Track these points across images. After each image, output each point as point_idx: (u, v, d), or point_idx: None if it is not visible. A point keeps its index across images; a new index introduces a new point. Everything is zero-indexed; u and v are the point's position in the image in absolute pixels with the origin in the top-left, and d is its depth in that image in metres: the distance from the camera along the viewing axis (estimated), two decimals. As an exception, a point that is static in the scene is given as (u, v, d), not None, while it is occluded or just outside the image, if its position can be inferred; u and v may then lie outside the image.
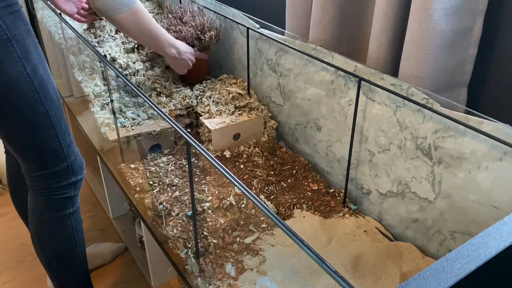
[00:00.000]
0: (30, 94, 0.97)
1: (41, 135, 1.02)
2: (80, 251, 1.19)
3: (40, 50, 1.00)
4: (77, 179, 1.12)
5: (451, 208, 0.90)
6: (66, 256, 1.18)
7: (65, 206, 1.12)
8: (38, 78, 0.97)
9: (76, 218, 1.15)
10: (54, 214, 1.11)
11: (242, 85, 1.44)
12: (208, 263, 0.96)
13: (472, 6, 0.93)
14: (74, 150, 1.10)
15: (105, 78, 1.34)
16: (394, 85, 0.96)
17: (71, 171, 1.09)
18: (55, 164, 1.06)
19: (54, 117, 1.02)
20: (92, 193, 1.88)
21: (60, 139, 1.04)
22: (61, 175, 1.08)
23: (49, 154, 1.04)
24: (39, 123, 1.00)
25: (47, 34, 1.84)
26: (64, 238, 1.15)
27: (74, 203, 1.14)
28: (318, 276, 0.92)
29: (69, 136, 1.08)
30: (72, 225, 1.14)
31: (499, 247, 0.47)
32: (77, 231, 1.16)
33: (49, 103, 1.00)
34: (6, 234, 1.70)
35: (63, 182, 1.09)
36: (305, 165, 1.26)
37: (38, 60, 0.98)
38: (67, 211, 1.12)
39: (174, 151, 1.30)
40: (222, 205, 1.07)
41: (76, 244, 1.17)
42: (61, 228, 1.13)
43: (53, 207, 1.10)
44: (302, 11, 1.29)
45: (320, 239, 1.03)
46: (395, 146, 1.00)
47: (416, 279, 0.43)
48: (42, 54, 1.01)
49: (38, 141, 1.02)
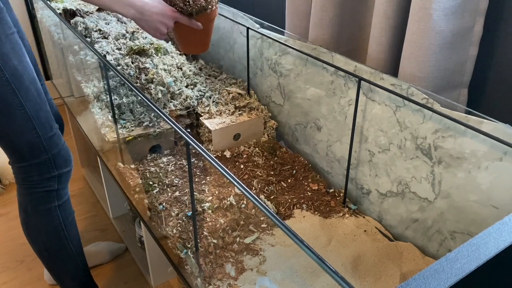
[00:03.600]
0: (1, 85, 0.95)
1: (15, 127, 1.00)
2: (72, 244, 1.18)
3: (15, 40, 0.98)
4: (61, 172, 1.10)
5: (451, 208, 0.90)
6: (56, 248, 1.17)
7: (49, 199, 1.10)
8: (10, 69, 0.95)
9: (64, 211, 1.13)
10: (38, 207, 1.10)
11: (242, 85, 1.44)
12: (208, 263, 0.96)
13: (473, 6, 0.93)
14: (57, 143, 1.08)
15: (105, 77, 1.34)
16: (394, 85, 0.96)
17: (53, 164, 1.07)
18: (34, 156, 1.04)
19: (30, 109, 1.00)
20: (92, 193, 1.88)
21: (38, 130, 1.02)
22: (42, 168, 1.06)
23: (27, 146, 1.03)
24: (12, 114, 0.98)
25: (47, 34, 1.83)
26: (51, 231, 1.14)
27: (60, 196, 1.12)
28: (318, 276, 0.92)
29: (51, 129, 1.06)
30: (59, 218, 1.13)
31: (499, 247, 0.47)
32: (66, 224, 1.15)
33: (23, 94, 0.98)
34: (6, 234, 1.69)
35: (44, 175, 1.07)
36: (305, 165, 1.26)
37: (11, 50, 0.96)
38: (52, 204, 1.11)
39: (174, 151, 1.30)
40: (222, 205, 1.07)
41: (65, 237, 1.16)
42: (47, 221, 1.12)
43: (36, 200, 1.09)
44: (301, 11, 1.29)
45: (320, 239, 1.03)
46: (395, 146, 1.00)
47: (416, 279, 0.43)
48: (19, 44, 0.99)
49: (13, 132, 1.00)
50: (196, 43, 1.18)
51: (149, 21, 1.06)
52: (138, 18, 1.05)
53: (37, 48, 2.41)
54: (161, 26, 1.07)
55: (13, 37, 0.97)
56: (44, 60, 2.44)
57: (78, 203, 1.82)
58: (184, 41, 1.17)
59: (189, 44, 1.18)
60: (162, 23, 1.07)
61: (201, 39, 1.17)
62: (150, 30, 1.09)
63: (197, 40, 1.16)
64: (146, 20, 1.06)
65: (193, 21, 1.10)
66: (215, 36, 1.58)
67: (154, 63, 1.36)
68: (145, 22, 1.07)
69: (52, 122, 1.07)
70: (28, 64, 1.01)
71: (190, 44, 1.18)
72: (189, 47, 1.20)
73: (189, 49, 1.22)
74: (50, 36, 1.76)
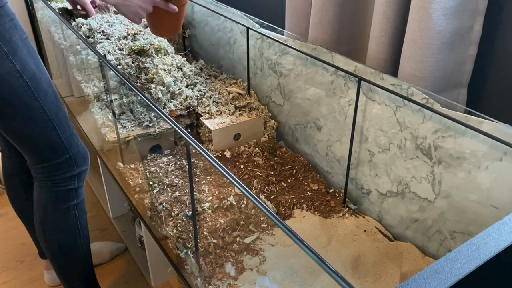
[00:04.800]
0: (22, 90, 0.96)
1: (38, 129, 1.02)
2: (84, 243, 1.20)
3: (30, 44, 0.99)
4: (81, 170, 1.12)
5: (451, 208, 0.90)
6: (70, 247, 1.18)
7: (70, 197, 1.12)
8: (28, 73, 0.97)
9: (80, 210, 1.15)
10: (58, 205, 1.12)
11: (242, 85, 1.44)
12: (208, 263, 0.96)
13: (472, 6, 0.93)
14: (76, 142, 1.10)
15: (105, 77, 1.34)
16: (394, 85, 0.96)
17: (74, 163, 1.09)
18: (57, 156, 1.06)
19: (50, 111, 1.02)
20: (92, 193, 1.88)
21: (58, 131, 1.04)
22: (64, 167, 1.08)
23: (49, 147, 1.05)
24: (34, 118, 1.00)
25: (47, 34, 1.84)
26: (67, 230, 1.15)
27: (78, 195, 1.14)
28: (318, 276, 0.92)
29: (70, 129, 1.08)
30: (76, 217, 1.15)
31: (499, 247, 0.47)
32: (81, 222, 1.16)
33: (43, 97, 1.00)
34: (6, 234, 1.69)
35: (66, 173, 1.09)
36: (305, 165, 1.26)
37: (28, 55, 0.97)
38: (72, 202, 1.13)
39: (174, 151, 1.30)
40: (222, 205, 1.07)
41: (80, 235, 1.17)
42: (65, 219, 1.14)
43: (57, 199, 1.11)
44: (301, 11, 1.29)
45: (320, 239, 1.03)
46: (395, 146, 1.00)
47: (416, 279, 0.43)
48: (34, 49, 1.00)
49: (36, 135, 1.02)
50: (169, 27, 1.25)
51: (130, 6, 1.12)
52: (120, 3, 1.11)
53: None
54: (140, 10, 1.13)
55: (27, 41, 0.99)
56: (44, 60, 2.44)
57: (78, 203, 1.82)
58: (157, 24, 1.23)
59: (162, 28, 1.25)
60: (142, 8, 1.13)
61: (174, 22, 1.24)
62: (130, 15, 1.15)
63: (170, 23, 1.23)
64: (127, 6, 1.12)
65: (170, 4, 1.15)
66: (215, 36, 1.59)
67: (154, 63, 1.36)
68: (126, 7, 1.12)
69: (69, 122, 1.10)
70: (43, 67, 1.03)
71: (163, 27, 1.25)
72: (162, 31, 1.27)
73: (162, 32, 1.29)
74: (50, 36, 1.76)
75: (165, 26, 1.24)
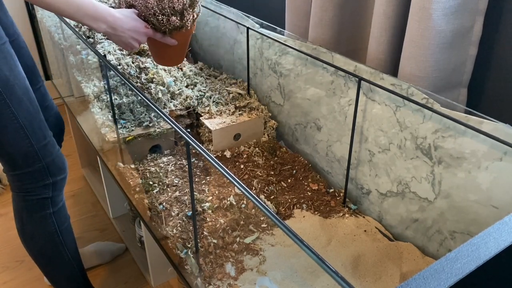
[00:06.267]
0: None
1: (8, 137, 1.00)
2: (68, 249, 1.18)
3: (7, 49, 0.97)
4: (56, 179, 1.10)
5: (451, 208, 0.90)
6: (51, 255, 1.17)
7: (44, 206, 1.10)
8: (1, 80, 0.94)
9: (58, 218, 1.13)
10: (32, 214, 1.10)
11: (242, 85, 1.44)
12: (208, 263, 0.96)
13: (472, 6, 0.93)
14: (51, 151, 1.07)
15: (105, 77, 1.34)
16: (394, 85, 0.96)
17: (47, 172, 1.07)
18: (28, 165, 1.04)
19: (23, 119, 0.99)
20: (92, 193, 1.88)
21: (31, 140, 1.02)
22: (36, 176, 1.06)
23: (20, 155, 1.02)
24: (5, 125, 0.98)
25: (47, 34, 1.84)
26: (46, 238, 1.14)
27: (55, 203, 1.12)
28: (318, 276, 0.92)
29: (45, 138, 1.06)
30: (54, 225, 1.13)
31: (499, 247, 0.47)
32: (61, 230, 1.15)
33: (16, 104, 0.98)
34: (6, 234, 1.69)
35: (39, 183, 1.07)
36: (305, 165, 1.26)
37: (3, 61, 0.95)
38: (47, 211, 1.11)
39: (174, 151, 1.30)
40: (222, 205, 1.07)
41: (61, 243, 1.16)
42: (41, 227, 1.12)
43: (31, 207, 1.09)
44: (301, 11, 1.29)
45: (320, 239, 1.03)
46: (395, 146, 1.00)
47: (416, 279, 0.43)
48: (11, 53, 0.98)
49: (6, 142, 1.00)
50: (171, 57, 1.15)
51: (121, 36, 1.02)
52: (110, 33, 1.01)
53: (37, 48, 2.41)
54: (133, 42, 1.03)
55: (4, 47, 0.96)
56: (44, 60, 2.44)
57: (78, 203, 1.82)
58: (158, 54, 1.15)
59: (163, 57, 1.16)
60: (135, 39, 1.03)
61: (176, 53, 1.14)
62: (122, 45, 1.06)
63: (172, 54, 1.14)
64: (119, 36, 1.02)
65: (167, 38, 1.06)
66: (215, 36, 1.59)
67: (154, 63, 1.36)
68: (118, 37, 1.02)
69: (46, 131, 1.07)
70: (20, 73, 1.00)
71: (164, 57, 1.16)
72: (163, 60, 1.18)
73: (163, 62, 1.20)
74: (50, 36, 1.76)
75: (166, 57, 1.15)
